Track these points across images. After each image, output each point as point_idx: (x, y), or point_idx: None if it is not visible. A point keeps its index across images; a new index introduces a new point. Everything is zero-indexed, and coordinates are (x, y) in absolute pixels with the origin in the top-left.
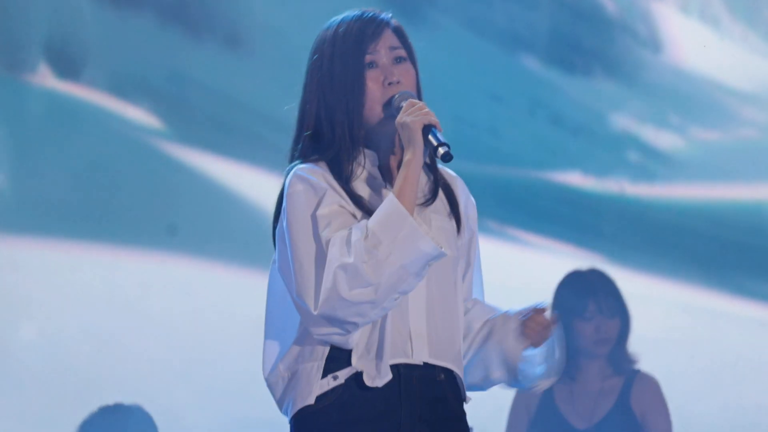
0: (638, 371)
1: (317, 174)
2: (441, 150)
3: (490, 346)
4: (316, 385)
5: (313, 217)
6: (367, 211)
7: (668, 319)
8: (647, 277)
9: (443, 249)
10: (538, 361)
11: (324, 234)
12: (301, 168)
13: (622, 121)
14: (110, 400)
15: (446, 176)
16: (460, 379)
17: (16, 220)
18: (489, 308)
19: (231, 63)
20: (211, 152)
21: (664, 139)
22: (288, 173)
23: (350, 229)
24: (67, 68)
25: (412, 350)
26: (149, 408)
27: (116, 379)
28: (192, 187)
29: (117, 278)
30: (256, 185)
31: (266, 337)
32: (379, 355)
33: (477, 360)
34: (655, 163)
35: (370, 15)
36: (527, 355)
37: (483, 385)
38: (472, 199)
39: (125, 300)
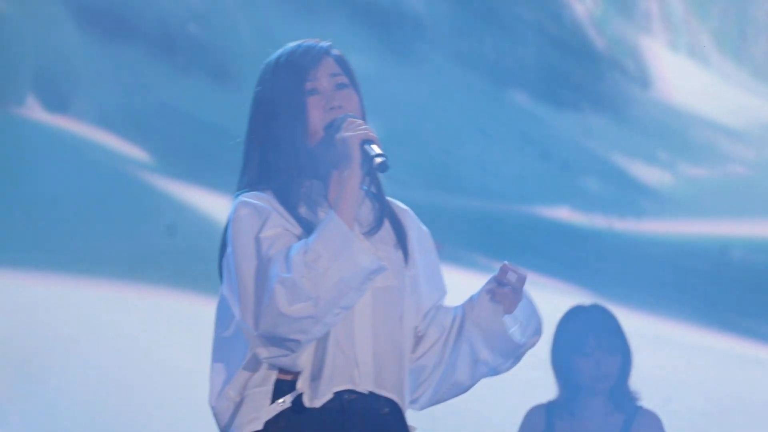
0: (640, 407)
1: (262, 199)
2: (377, 159)
3: (468, 331)
4: (264, 411)
5: (257, 239)
6: (312, 233)
7: (655, 355)
8: (635, 313)
9: (383, 263)
10: (520, 321)
11: (266, 254)
12: (245, 195)
13: (611, 157)
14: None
15: (395, 208)
16: (403, 413)
17: (6, 254)
18: (453, 306)
19: (219, 96)
20: (200, 185)
21: (652, 175)
22: (234, 202)
23: (291, 246)
24: (55, 101)
25: (359, 377)
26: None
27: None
28: (181, 220)
29: (105, 306)
30: None
31: (213, 364)
32: (318, 376)
33: (460, 350)
34: (643, 199)
35: (309, 44)
36: (507, 321)
37: (473, 374)
38: (425, 228)
39: (120, 334)
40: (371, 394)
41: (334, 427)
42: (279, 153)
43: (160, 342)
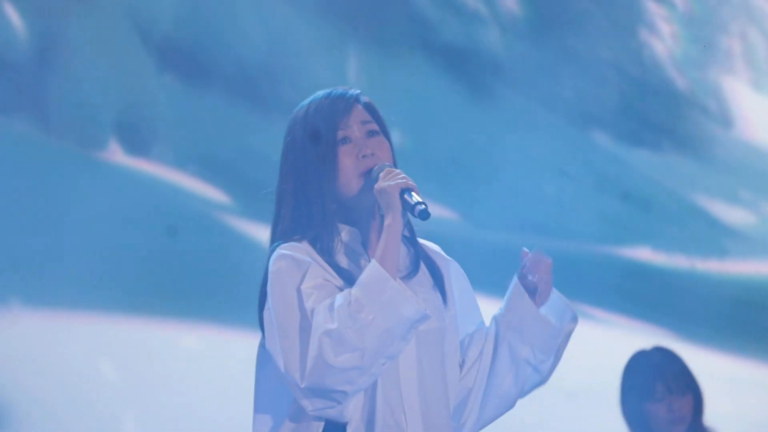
0: None
1: (300, 250)
2: (418, 208)
3: (503, 335)
4: None
5: (298, 291)
6: (352, 282)
7: (740, 397)
8: (717, 354)
9: (427, 311)
10: (554, 313)
11: (308, 305)
12: (283, 246)
13: (692, 197)
14: None
15: (427, 249)
16: None
17: (86, 292)
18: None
19: None
20: None
21: (734, 215)
22: (270, 254)
23: (334, 297)
24: (136, 144)
25: (406, 425)
26: None
27: None
28: (259, 261)
29: (187, 349)
30: None
31: (256, 414)
32: (371, 429)
33: (499, 355)
34: (725, 239)
35: (339, 92)
36: (544, 313)
37: (517, 378)
38: (454, 262)
39: (184, 366)
40: None
41: None
42: (312, 202)
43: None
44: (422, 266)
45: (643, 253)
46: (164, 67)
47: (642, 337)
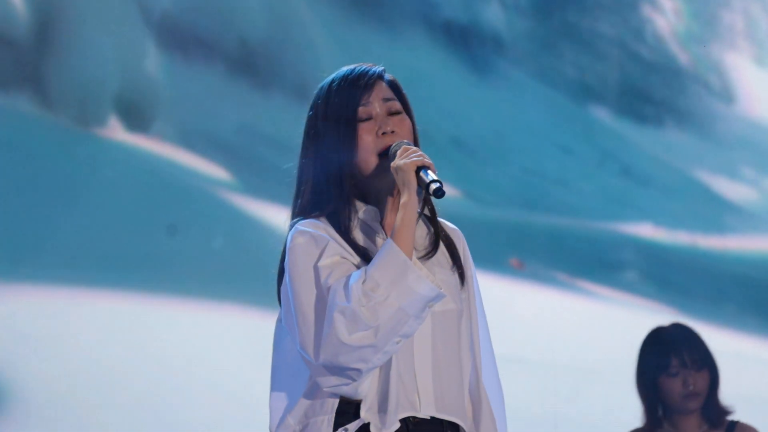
0: (737, 422)
1: (319, 227)
2: (433, 186)
3: None
4: None
5: (315, 268)
6: (369, 260)
7: (740, 372)
8: (719, 330)
9: (441, 290)
10: None
11: (325, 283)
12: (302, 223)
13: (694, 173)
14: None
15: (447, 229)
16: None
17: (88, 269)
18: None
19: (299, 114)
20: (279, 204)
21: (736, 191)
22: (290, 229)
23: (350, 275)
24: (136, 121)
25: (420, 404)
26: None
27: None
28: (261, 239)
29: (188, 327)
30: None
31: (273, 391)
32: (384, 407)
33: None
34: (727, 215)
35: (363, 69)
36: None
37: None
38: (462, 236)
39: (189, 346)
40: (433, 418)
41: None
42: (331, 178)
43: (235, 357)
44: (441, 246)
45: (645, 230)
46: (165, 43)
47: (644, 313)
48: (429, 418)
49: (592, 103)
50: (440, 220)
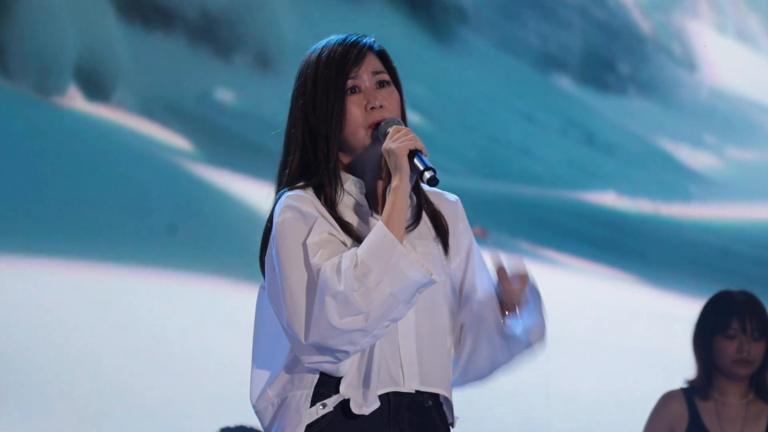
0: None
1: (306, 201)
2: (427, 174)
3: (480, 327)
4: (305, 414)
5: (304, 246)
6: (357, 238)
7: None
8: (680, 298)
9: (433, 276)
10: (523, 321)
11: (314, 262)
12: (289, 196)
13: (657, 141)
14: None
15: (439, 199)
16: (448, 402)
17: (46, 238)
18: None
19: (260, 83)
20: (241, 173)
21: (699, 159)
22: (276, 201)
23: (340, 257)
24: (96, 90)
25: (403, 379)
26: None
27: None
28: (221, 208)
29: (144, 296)
30: None
31: (254, 363)
32: (367, 383)
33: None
34: (690, 183)
35: (353, 39)
36: (511, 322)
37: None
38: (458, 202)
39: (159, 323)
40: (416, 392)
41: (380, 426)
42: (318, 149)
43: (198, 330)
44: (425, 217)
45: (608, 198)
46: (125, 12)
47: (607, 281)
48: (413, 392)
49: (555, 72)
50: (437, 190)
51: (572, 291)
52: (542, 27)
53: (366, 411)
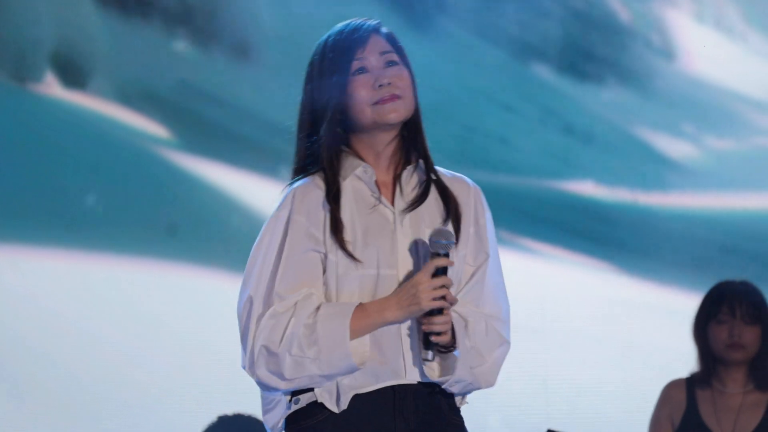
0: None
1: (309, 198)
2: (427, 350)
3: None
4: (282, 408)
5: (278, 257)
6: (342, 245)
7: (679, 330)
8: (659, 287)
9: (363, 364)
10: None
11: (278, 291)
12: (294, 191)
13: (636, 130)
14: (109, 407)
15: (453, 183)
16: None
17: (23, 227)
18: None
19: (238, 72)
20: (219, 161)
21: (677, 148)
22: (287, 186)
23: (295, 308)
24: (73, 78)
25: (405, 371)
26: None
27: (115, 385)
28: (199, 196)
29: (123, 286)
30: (263, 194)
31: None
32: (338, 385)
33: None
34: (668, 172)
35: (357, 23)
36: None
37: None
38: (478, 190)
39: (127, 306)
40: (419, 382)
41: (385, 410)
42: (325, 133)
43: (176, 317)
44: (437, 201)
45: (586, 187)
46: None
47: (585, 270)
48: (416, 383)
49: (533, 61)
50: (457, 176)
51: (550, 280)
52: (521, 16)
53: (337, 410)
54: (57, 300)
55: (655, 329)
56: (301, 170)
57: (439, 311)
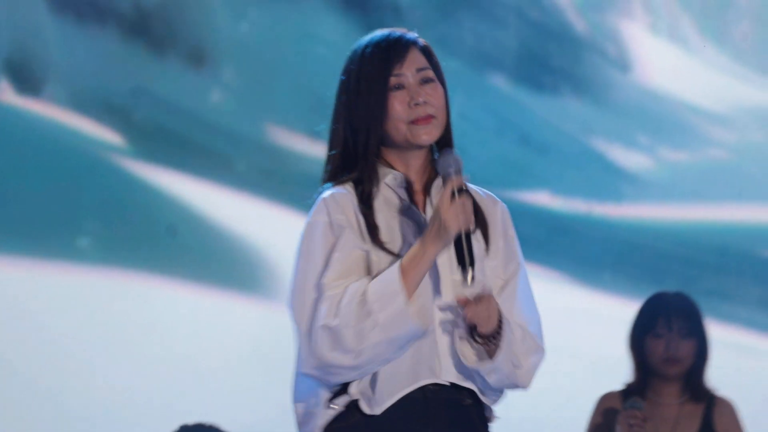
0: (716, 396)
1: (342, 202)
2: (464, 271)
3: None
4: (321, 414)
5: (322, 257)
6: (381, 246)
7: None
8: (614, 298)
9: (430, 327)
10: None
11: (324, 282)
12: (327, 196)
13: (591, 141)
14: (69, 417)
15: (479, 198)
16: (484, 403)
17: None
18: None
19: (194, 79)
20: (174, 169)
21: (632, 159)
22: (317, 196)
23: (346, 289)
24: (28, 84)
25: (440, 369)
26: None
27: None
28: (154, 204)
29: (80, 293)
30: (218, 202)
31: (295, 369)
32: (374, 384)
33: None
34: (623, 183)
35: (397, 36)
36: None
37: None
38: (502, 204)
39: (83, 315)
40: (453, 385)
41: (417, 417)
42: (359, 144)
43: (134, 326)
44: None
45: (542, 198)
46: (57, 5)
47: (539, 280)
48: (449, 384)
49: (489, 71)
50: (480, 189)
51: None
52: (477, 26)
53: (377, 411)
54: (10, 309)
55: (609, 339)
56: (332, 179)
57: (467, 234)
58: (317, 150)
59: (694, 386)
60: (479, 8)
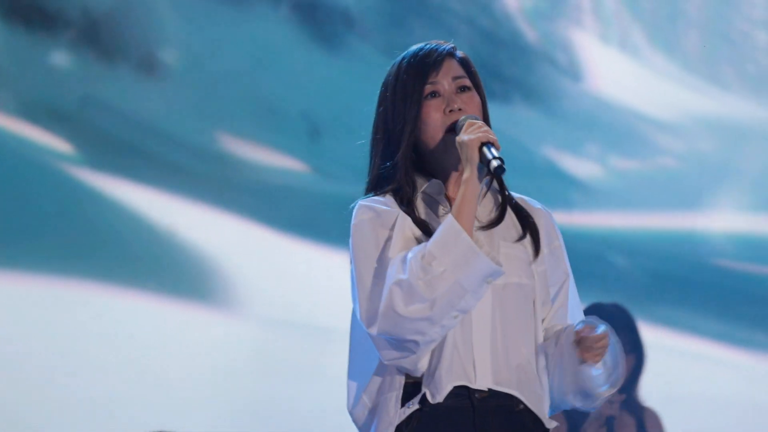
0: (645, 407)
1: (381, 203)
2: (494, 163)
3: (556, 360)
4: (395, 415)
5: (377, 242)
6: (431, 233)
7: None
8: None
9: (501, 267)
10: (607, 366)
11: (386, 257)
12: (365, 199)
13: (541, 150)
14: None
15: (524, 204)
16: (538, 411)
17: None
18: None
19: (144, 87)
20: (123, 178)
21: (582, 168)
22: (352, 209)
23: (410, 248)
24: None
25: (475, 376)
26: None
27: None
28: (103, 213)
29: (25, 304)
30: (169, 211)
31: (349, 374)
32: (435, 371)
33: (554, 373)
34: (573, 192)
35: (432, 46)
36: (589, 374)
37: (559, 402)
38: (547, 211)
39: (34, 325)
40: (493, 391)
41: (465, 425)
42: (397, 156)
43: (87, 335)
44: (512, 218)
45: None
46: (5, 12)
47: None
48: (486, 390)
49: None
50: (522, 197)
51: None
52: (428, 34)
53: (439, 398)
54: None
55: None
56: (372, 189)
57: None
58: (267, 158)
59: (629, 398)
60: (430, 17)
